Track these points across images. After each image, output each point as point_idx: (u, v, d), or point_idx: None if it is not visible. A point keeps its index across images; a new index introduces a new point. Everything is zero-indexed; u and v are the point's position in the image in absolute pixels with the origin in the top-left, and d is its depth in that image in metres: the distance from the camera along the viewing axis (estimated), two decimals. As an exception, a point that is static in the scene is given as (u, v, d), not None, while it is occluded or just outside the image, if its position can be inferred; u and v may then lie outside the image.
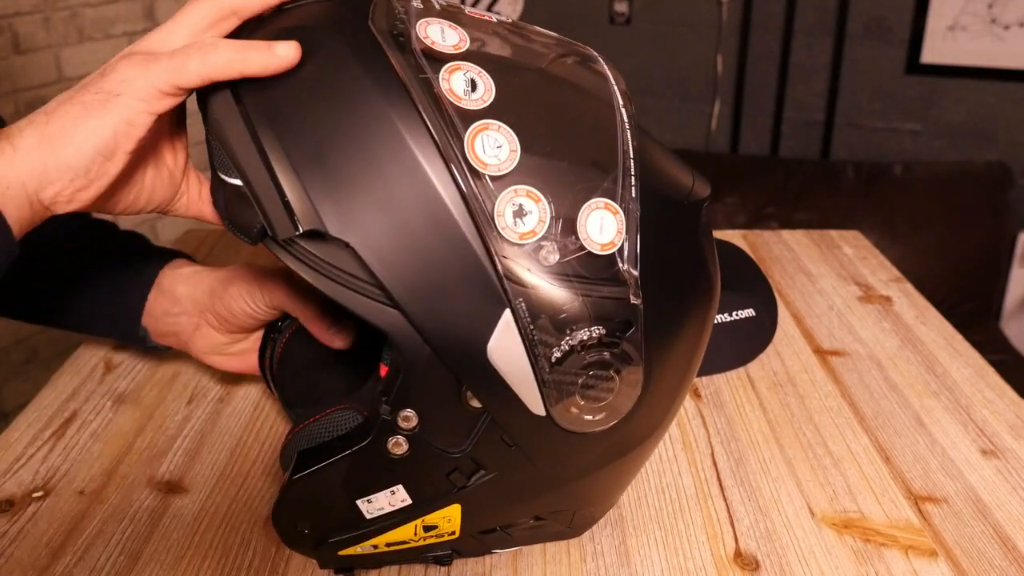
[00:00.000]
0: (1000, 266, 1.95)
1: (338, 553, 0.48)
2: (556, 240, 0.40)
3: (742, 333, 0.71)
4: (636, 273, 0.42)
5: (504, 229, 0.39)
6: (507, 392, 0.42)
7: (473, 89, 0.40)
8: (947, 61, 1.96)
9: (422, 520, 0.47)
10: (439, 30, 0.42)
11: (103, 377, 0.71)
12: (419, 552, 0.49)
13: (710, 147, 2.22)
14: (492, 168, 0.40)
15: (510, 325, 0.40)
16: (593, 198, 0.41)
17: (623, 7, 2.17)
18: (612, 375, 0.42)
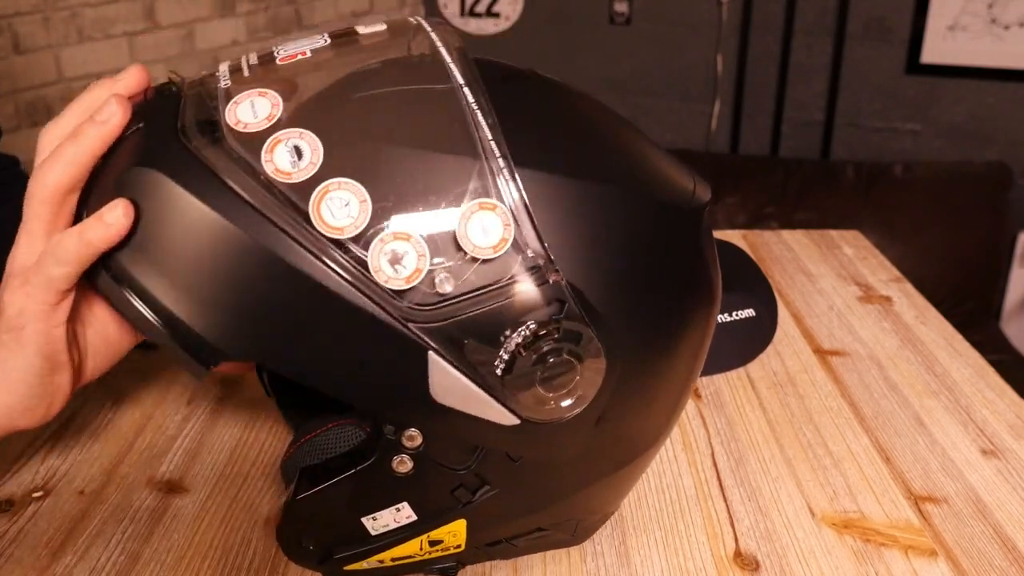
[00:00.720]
0: (1000, 266, 1.95)
1: (344, 568, 0.48)
2: (444, 267, 0.39)
3: (742, 333, 0.71)
4: (544, 250, 0.40)
5: (387, 281, 0.38)
6: (473, 420, 0.41)
7: (299, 157, 0.39)
8: (947, 61, 1.96)
9: (428, 535, 0.47)
10: (249, 106, 0.40)
11: (103, 377, 0.71)
12: (424, 565, 0.49)
13: (710, 147, 2.22)
14: (349, 229, 0.38)
15: (440, 364, 0.40)
16: (464, 204, 0.39)
17: (623, 7, 2.17)
18: (568, 357, 0.41)
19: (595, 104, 0.48)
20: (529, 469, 0.45)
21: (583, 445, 0.45)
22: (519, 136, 0.42)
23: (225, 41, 1.83)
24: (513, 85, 0.46)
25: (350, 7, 2.15)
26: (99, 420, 0.66)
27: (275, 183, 0.39)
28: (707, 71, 2.16)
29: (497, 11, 2.28)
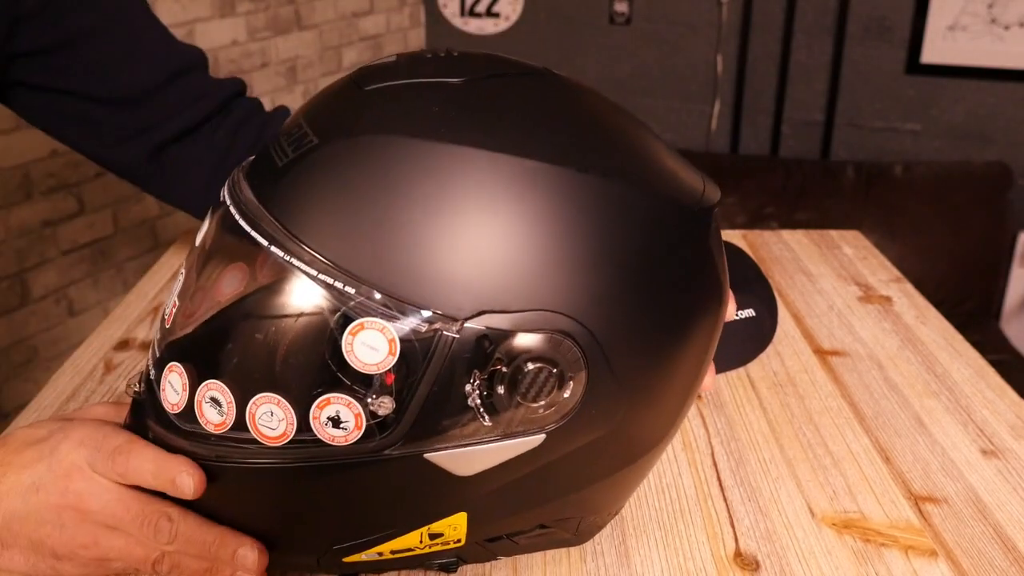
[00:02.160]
0: (1000, 266, 1.95)
1: (343, 560, 0.48)
2: (373, 399, 0.41)
3: (742, 333, 0.71)
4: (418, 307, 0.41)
5: (346, 439, 0.42)
6: (504, 465, 0.44)
7: (219, 404, 0.43)
8: (947, 61, 1.96)
9: (428, 528, 0.47)
10: (169, 386, 0.45)
11: (103, 377, 0.71)
12: (424, 559, 0.49)
13: (710, 147, 2.22)
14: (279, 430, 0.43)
15: (445, 453, 0.43)
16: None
17: (623, 7, 2.17)
18: (538, 367, 0.41)
19: (606, 102, 0.49)
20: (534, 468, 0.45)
21: (590, 443, 0.45)
22: (520, 127, 0.42)
23: (225, 41, 1.83)
24: (519, 80, 0.47)
25: (350, 7, 2.15)
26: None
27: (212, 435, 0.44)
28: (707, 71, 2.16)
29: (497, 11, 2.28)
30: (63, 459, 0.45)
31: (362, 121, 0.43)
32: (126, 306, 0.83)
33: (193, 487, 0.44)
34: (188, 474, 0.43)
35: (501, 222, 0.41)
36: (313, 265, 0.40)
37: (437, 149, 0.41)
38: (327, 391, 0.41)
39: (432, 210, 0.40)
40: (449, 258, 0.40)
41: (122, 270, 1.69)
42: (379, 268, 0.40)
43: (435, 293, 0.40)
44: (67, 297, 1.59)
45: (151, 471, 0.44)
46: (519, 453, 0.43)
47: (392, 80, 0.44)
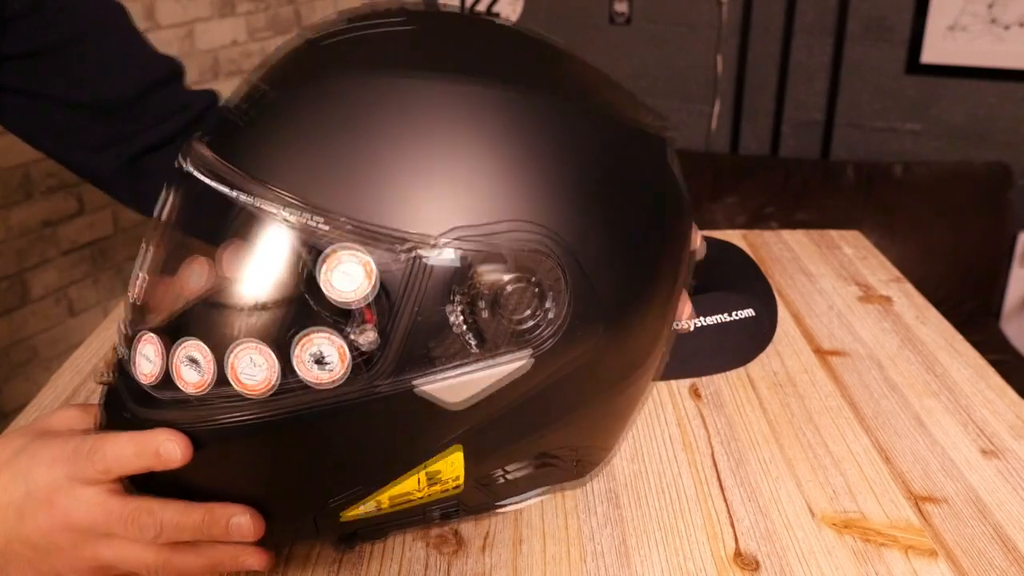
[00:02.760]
0: (1000, 266, 1.95)
1: (341, 516, 0.47)
2: (355, 332, 0.41)
3: (742, 333, 0.71)
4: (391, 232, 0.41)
5: (333, 380, 0.41)
6: (499, 391, 0.44)
7: (197, 363, 0.43)
8: (947, 61, 1.96)
9: (425, 468, 0.46)
10: (144, 358, 0.45)
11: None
12: (424, 509, 0.49)
13: (710, 147, 2.22)
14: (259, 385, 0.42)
15: (434, 384, 0.42)
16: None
17: (623, 7, 2.17)
18: (521, 287, 0.42)
19: (555, 40, 0.50)
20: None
21: (574, 366, 0.46)
22: (474, 57, 0.44)
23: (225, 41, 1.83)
24: (466, 18, 0.49)
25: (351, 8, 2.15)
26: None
27: (193, 397, 0.43)
28: (707, 71, 2.16)
29: (497, 11, 2.28)
30: (40, 482, 0.44)
31: (317, 67, 0.44)
32: (126, 306, 0.83)
33: (179, 452, 0.43)
34: (170, 440, 0.43)
35: (464, 144, 0.41)
36: (281, 203, 0.40)
37: (395, 83, 0.42)
38: (307, 328, 0.40)
39: (394, 139, 0.41)
40: (415, 182, 0.41)
41: (122, 270, 1.69)
42: (347, 199, 0.40)
43: (406, 216, 0.41)
44: (67, 297, 1.59)
45: (132, 452, 0.43)
46: (507, 377, 0.43)
47: (342, 33, 0.46)
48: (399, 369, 0.41)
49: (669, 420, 0.65)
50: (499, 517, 0.55)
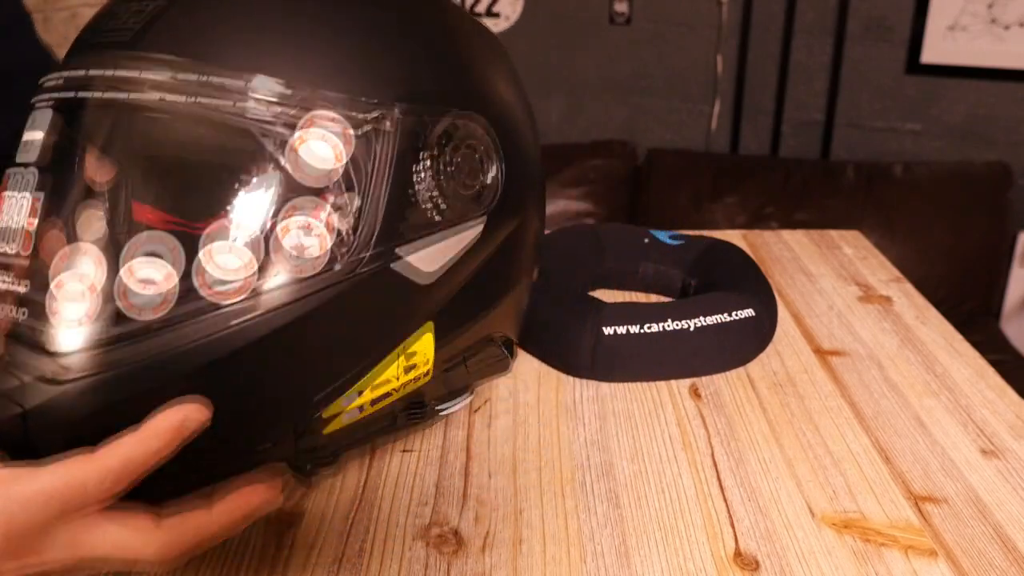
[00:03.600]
0: (1000, 266, 1.95)
1: (323, 422, 0.45)
2: (319, 215, 0.41)
3: (742, 333, 0.71)
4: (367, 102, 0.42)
5: (314, 265, 0.40)
6: (463, 258, 0.49)
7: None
8: (947, 61, 1.96)
9: (404, 350, 0.47)
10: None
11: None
12: (394, 409, 0.50)
13: (710, 147, 2.22)
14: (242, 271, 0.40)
15: (406, 262, 0.45)
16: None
17: (623, 7, 2.17)
18: (463, 149, 0.47)
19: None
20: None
21: (511, 237, 0.52)
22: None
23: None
24: None
25: None
26: (99, 420, 0.66)
27: (154, 322, 0.38)
28: (707, 71, 2.16)
29: (497, 11, 2.28)
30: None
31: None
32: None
33: (205, 409, 0.38)
34: (183, 407, 0.37)
35: (412, 12, 0.47)
36: (238, 79, 0.39)
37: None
38: (283, 214, 0.39)
39: (339, 5, 0.43)
40: (366, 50, 0.43)
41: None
42: (305, 71, 0.40)
43: (365, 86, 0.42)
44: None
45: (149, 451, 0.37)
46: (467, 244, 0.48)
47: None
48: (377, 243, 0.42)
49: (669, 420, 0.65)
50: (499, 517, 0.55)
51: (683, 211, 2.00)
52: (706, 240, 0.83)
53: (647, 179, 2.09)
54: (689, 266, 0.81)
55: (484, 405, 0.67)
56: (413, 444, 0.62)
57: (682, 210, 2.00)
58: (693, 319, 0.69)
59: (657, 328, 0.68)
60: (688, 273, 0.81)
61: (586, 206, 2.07)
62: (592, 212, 2.07)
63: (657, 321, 0.68)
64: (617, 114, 2.26)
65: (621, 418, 0.65)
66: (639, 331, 0.68)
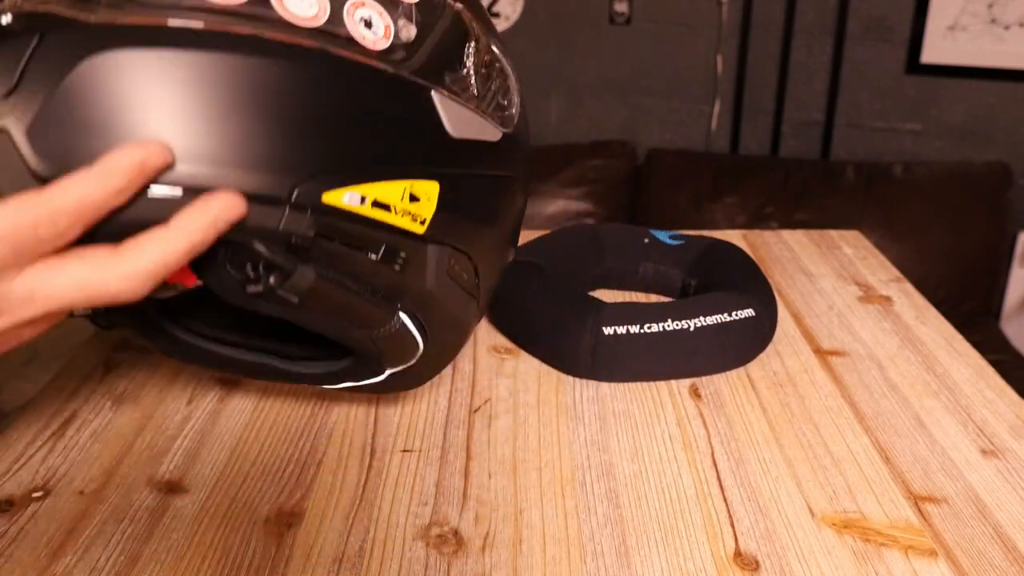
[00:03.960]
0: (1000, 266, 1.95)
1: (322, 195, 0.44)
2: (399, 17, 0.46)
3: (742, 333, 0.71)
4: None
5: (375, 43, 0.45)
6: (477, 148, 0.51)
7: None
8: (947, 61, 1.96)
9: (412, 184, 0.47)
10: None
11: (103, 377, 0.71)
12: (392, 229, 0.48)
13: (710, 147, 2.22)
14: (320, 15, 0.43)
15: (444, 100, 0.48)
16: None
17: (623, 7, 2.17)
18: (497, 66, 0.52)
19: None
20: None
21: (515, 159, 0.55)
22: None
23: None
24: None
25: (350, 7, 2.15)
26: (99, 420, 0.66)
27: (220, 7, 0.40)
28: (707, 71, 2.16)
29: (497, 11, 2.28)
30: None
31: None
32: (126, 306, 0.83)
33: (163, 154, 0.37)
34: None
35: None
36: None
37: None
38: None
39: None
40: None
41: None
42: None
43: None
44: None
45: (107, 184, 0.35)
46: (486, 137, 0.51)
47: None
48: (423, 70, 0.46)
49: (669, 420, 0.65)
50: (499, 517, 0.55)
51: (683, 211, 2.00)
52: (706, 240, 0.83)
53: (647, 179, 2.09)
54: (689, 266, 0.81)
55: (484, 405, 0.67)
56: (413, 444, 0.62)
57: (682, 210, 2.00)
58: (693, 319, 0.69)
59: (657, 328, 0.68)
60: (688, 273, 0.81)
61: (586, 206, 2.07)
62: (592, 212, 2.07)
63: (657, 321, 0.68)
64: (617, 114, 2.26)
65: (621, 418, 0.65)
66: (639, 331, 0.68)
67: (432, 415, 0.66)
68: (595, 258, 0.83)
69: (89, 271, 0.37)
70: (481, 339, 0.77)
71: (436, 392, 0.69)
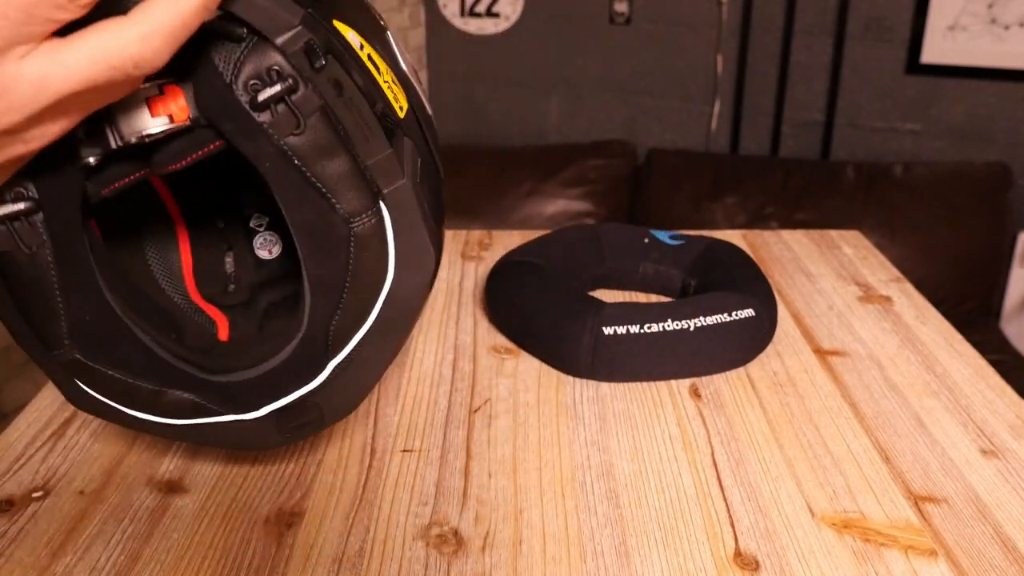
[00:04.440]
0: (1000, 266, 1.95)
1: (333, 20, 0.45)
2: None
3: (742, 333, 0.71)
4: None
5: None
6: None
7: None
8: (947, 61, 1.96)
9: (391, 77, 0.48)
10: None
11: (103, 377, 0.71)
12: (376, 100, 0.48)
13: (710, 147, 2.22)
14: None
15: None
16: None
17: (623, 7, 2.17)
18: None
19: None
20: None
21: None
22: None
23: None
24: None
25: (350, 7, 2.15)
26: (99, 420, 0.66)
27: None
28: (707, 71, 2.16)
29: (497, 11, 2.28)
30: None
31: None
32: (126, 306, 0.83)
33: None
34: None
35: None
36: None
37: None
38: None
39: None
40: None
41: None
42: None
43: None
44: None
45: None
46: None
47: None
48: None
49: (669, 420, 0.65)
50: (499, 517, 0.55)
51: (683, 211, 2.00)
52: (706, 240, 0.83)
53: (647, 179, 2.09)
54: (689, 266, 0.81)
55: (484, 405, 0.67)
56: (413, 444, 0.62)
57: (682, 210, 2.00)
58: (693, 319, 0.69)
59: (657, 328, 0.68)
60: (688, 273, 0.81)
61: (586, 206, 2.07)
62: (592, 212, 2.07)
63: (657, 321, 0.68)
64: (617, 114, 2.26)
65: (621, 418, 0.65)
66: (639, 331, 0.68)
67: (432, 415, 0.66)
68: (595, 258, 0.83)
69: (106, 38, 0.35)
70: (481, 339, 0.77)
71: (436, 392, 0.69)
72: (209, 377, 0.50)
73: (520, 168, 2.11)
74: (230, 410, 0.51)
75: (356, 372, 0.51)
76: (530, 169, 2.11)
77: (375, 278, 0.49)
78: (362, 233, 0.47)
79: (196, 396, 0.50)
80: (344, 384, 0.51)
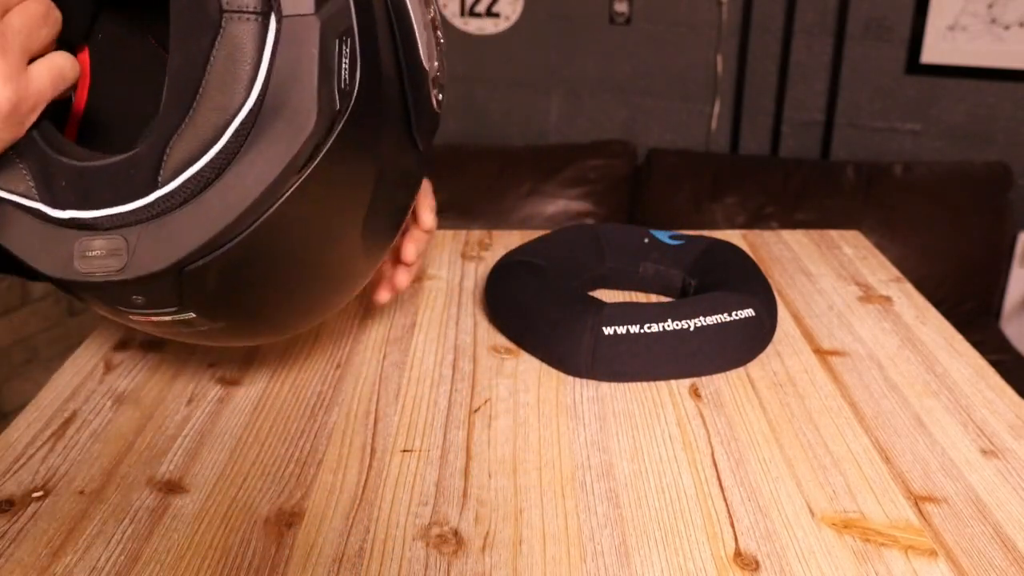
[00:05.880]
0: (1000, 266, 1.95)
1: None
2: None
3: (742, 333, 0.71)
4: None
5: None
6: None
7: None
8: (947, 61, 1.96)
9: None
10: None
11: (103, 377, 0.71)
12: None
13: (710, 147, 2.22)
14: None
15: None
16: None
17: (623, 7, 2.17)
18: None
19: None
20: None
21: None
22: None
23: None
24: None
25: (350, 7, 2.15)
26: (99, 420, 0.66)
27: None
28: (707, 71, 2.16)
29: (497, 11, 2.28)
30: None
31: None
32: (126, 306, 0.83)
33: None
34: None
35: None
36: None
37: None
38: None
39: None
40: None
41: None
42: None
43: None
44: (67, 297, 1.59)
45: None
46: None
47: None
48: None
49: (669, 420, 0.65)
50: (499, 517, 0.55)
51: (683, 211, 2.00)
52: (706, 240, 0.83)
53: (647, 179, 2.09)
54: (689, 266, 0.81)
55: (484, 405, 0.67)
56: (413, 444, 0.62)
57: (682, 210, 2.00)
58: (693, 319, 0.69)
59: (657, 328, 0.68)
60: (688, 273, 0.81)
61: (586, 206, 2.07)
62: (592, 212, 2.07)
63: (657, 321, 0.68)
64: (617, 114, 2.26)
65: (621, 418, 0.65)
66: (639, 331, 0.68)
67: (432, 415, 0.66)
68: (595, 258, 0.83)
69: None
70: (481, 339, 0.77)
71: (436, 392, 0.69)
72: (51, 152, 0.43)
73: (520, 168, 2.11)
74: (44, 197, 0.43)
75: (183, 219, 0.41)
76: (530, 169, 2.10)
77: (230, 98, 0.41)
78: (232, 29, 0.40)
79: (26, 166, 0.43)
80: (166, 227, 0.42)
